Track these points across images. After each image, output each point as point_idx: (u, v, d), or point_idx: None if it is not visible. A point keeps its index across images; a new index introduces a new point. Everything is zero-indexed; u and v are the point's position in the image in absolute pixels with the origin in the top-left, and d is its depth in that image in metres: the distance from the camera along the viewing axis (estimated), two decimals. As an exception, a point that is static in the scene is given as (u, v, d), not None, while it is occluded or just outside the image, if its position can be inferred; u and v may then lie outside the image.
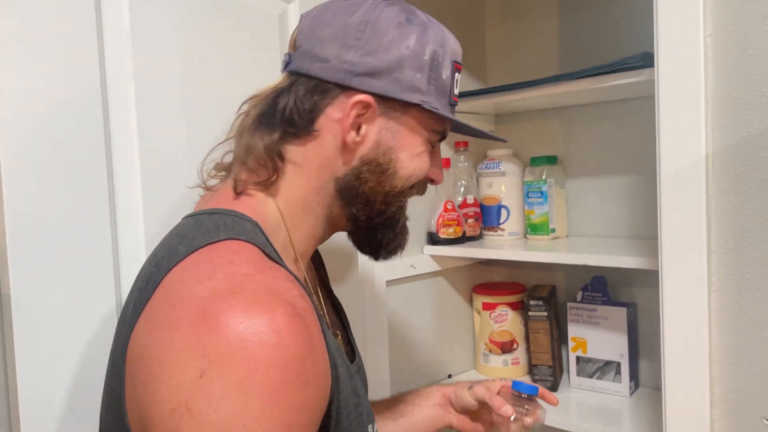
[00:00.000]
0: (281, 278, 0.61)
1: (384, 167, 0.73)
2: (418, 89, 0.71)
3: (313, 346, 0.57)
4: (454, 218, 1.49)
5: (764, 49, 0.77)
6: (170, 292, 0.60)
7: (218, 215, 0.67)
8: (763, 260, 0.79)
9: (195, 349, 0.53)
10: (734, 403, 0.82)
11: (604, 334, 1.40)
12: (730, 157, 0.80)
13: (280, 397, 0.53)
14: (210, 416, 0.52)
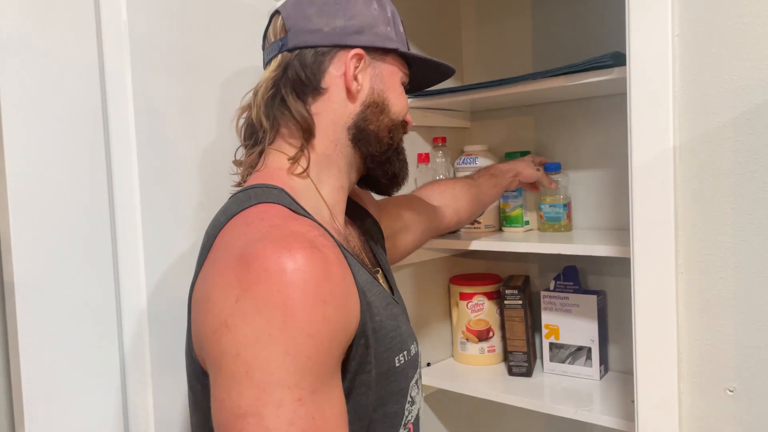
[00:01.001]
0: (303, 224, 0.73)
1: (382, 106, 0.88)
2: (391, 39, 0.89)
3: (329, 272, 0.68)
4: None
5: (725, 48, 0.84)
6: (217, 249, 0.73)
7: (250, 189, 0.80)
8: (725, 243, 0.85)
9: (232, 282, 0.66)
10: (700, 376, 0.88)
11: (575, 321, 1.46)
12: (695, 149, 0.87)
13: (300, 311, 0.64)
14: (244, 329, 0.63)
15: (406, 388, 0.83)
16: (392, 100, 0.89)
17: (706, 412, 0.88)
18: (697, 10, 0.85)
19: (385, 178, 0.92)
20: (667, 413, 0.89)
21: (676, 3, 0.86)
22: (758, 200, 0.82)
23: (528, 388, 1.43)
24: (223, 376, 0.65)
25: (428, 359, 1.63)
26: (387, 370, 0.78)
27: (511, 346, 1.52)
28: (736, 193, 0.84)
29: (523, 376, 1.50)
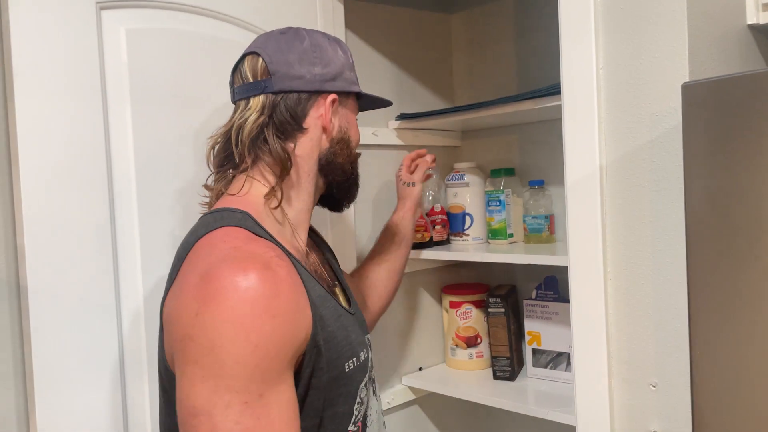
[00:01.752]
0: (261, 246, 0.83)
1: (347, 141, 1.02)
2: (355, 82, 1.03)
3: (280, 289, 0.77)
4: (422, 224, 1.64)
5: (641, 79, 0.94)
6: (186, 270, 0.83)
7: (217, 213, 0.91)
8: (646, 252, 0.95)
9: (194, 298, 0.76)
10: (627, 373, 0.97)
11: (555, 328, 1.55)
12: (618, 168, 0.96)
13: (249, 324, 0.74)
14: (202, 340, 0.74)
15: (356, 390, 0.91)
16: (353, 136, 1.03)
17: (633, 404, 0.97)
18: (618, 45, 0.95)
19: (344, 200, 1.07)
20: (600, 406, 0.98)
21: (600, 38, 0.96)
22: (670, 214, 0.91)
23: (510, 391, 1.52)
24: (183, 380, 0.75)
25: (420, 364, 1.74)
26: (338, 374, 0.87)
27: (495, 351, 1.61)
28: (653, 208, 0.93)
29: (506, 380, 1.59)
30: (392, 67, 1.69)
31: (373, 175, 1.62)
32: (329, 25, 1.46)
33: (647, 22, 0.92)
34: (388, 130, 1.65)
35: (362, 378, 0.93)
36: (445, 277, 1.81)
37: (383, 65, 1.67)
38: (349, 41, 1.55)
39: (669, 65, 0.90)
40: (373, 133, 1.60)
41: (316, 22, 1.43)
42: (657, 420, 0.94)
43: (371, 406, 0.99)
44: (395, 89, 1.69)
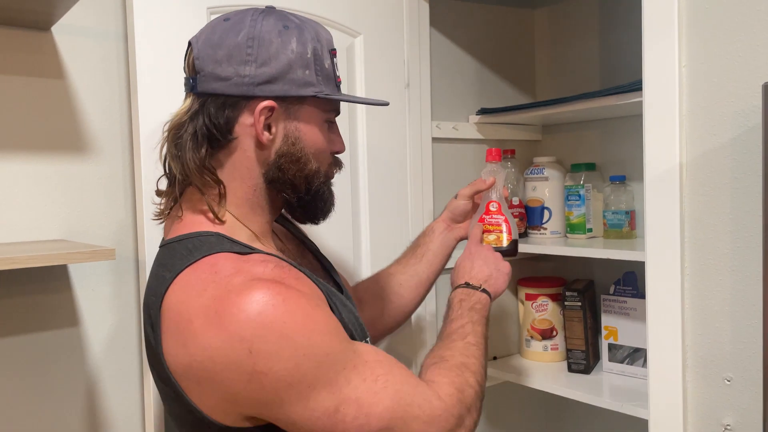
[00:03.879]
0: (257, 263, 0.78)
1: (297, 156, 0.86)
2: (310, 83, 0.84)
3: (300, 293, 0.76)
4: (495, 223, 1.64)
5: (723, 77, 0.94)
6: (179, 312, 0.75)
7: (186, 240, 0.82)
8: (723, 249, 0.95)
9: (231, 339, 0.71)
10: (702, 367, 0.98)
11: (633, 324, 1.54)
12: (699, 166, 0.97)
13: (310, 325, 0.74)
14: (279, 366, 0.71)
15: None
16: (309, 149, 0.87)
17: (707, 398, 0.98)
18: (701, 44, 0.96)
19: (304, 217, 0.94)
20: (673, 400, 1.00)
21: (683, 36, 0.97)
22: (750, 212, 0.92)
23: (585, 383, 1.53)
24: (291, 404, 0.72)
25: (495, 353, 1.78)
26: None
27: (570, 344, 1.63)
28: (733, 206, 0.94)
29: (581, 372, 1.61)
30: (474, 62, 1.73)
31: (453, 169, 1.67)
32: (414, 23, 1.52)
33: (731, 20, 0.93)
34: (469, 125, 1.70)
35: None
36: (522, 269, 1.84)
37: (465, 61, 1.71)
38: (433, 38, 1.61)
39: (752, 64, 0.90)
40: (453, 127, 1.65)
41: (402, 21, 1.49)
42: (731, 414, 0.95)
43: None
44: (477, 84, 1.74)
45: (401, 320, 1.23)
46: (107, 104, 1.15)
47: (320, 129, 0.88)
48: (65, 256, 0.90)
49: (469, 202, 1.20)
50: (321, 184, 0.90)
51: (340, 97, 0.89)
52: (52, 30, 1.10)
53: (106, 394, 1.15)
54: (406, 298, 1.20)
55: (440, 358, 0.91)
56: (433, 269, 1.20)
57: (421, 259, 1.20)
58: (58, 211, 1.10)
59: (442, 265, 1.22)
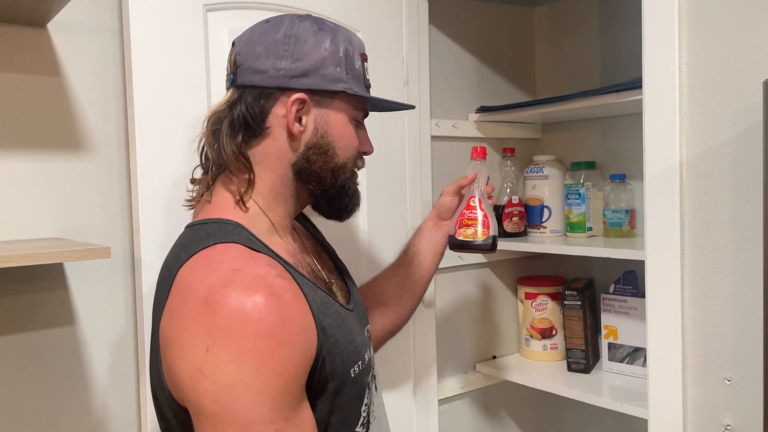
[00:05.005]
0: (262, 265, 0.79)
1: (325, 148, 0.90)
2: (341, 80, 0.89)
3: (290, 315, 0.76)
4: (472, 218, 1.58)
5: (724, 75, 0.93)
6: (180, 290, 0.79)
7: (207, 224, 0.86)
8: (724, 248, 0.95)
9: (201, 330, 0.73)
10: (702, 367, 0.98)
11: (633, 323, 1.54)
12: (699, 164, 0.96)
13: (268, 356, 0.73)
14: (219, 377, 0.72)
15: (362, 392, 0.90)
16: (337, 142, 0.91)
17: (707, 398, 0.97)
18: (702, 41, 0.95)
19: (329, 212, 0.96)
20: (673, 399, 0.99)
21: (684, 34, 0.97)
22: (750, 210, 0.91)
23: (584, 383, 1.53)
24: (205, 418, 0.73)
25: (494, 352, 1.77)
26: (343, 381, 0.85)
27: (570, 343, 1.63)
28: (733, 204, 0.93)
29: (580, 372, 1.60)
30: (474, 60, 1.72)
31: (452, 167, 1.66)
32: (414, 21, 1.51)
33: (732, 18, 0.92)
34: (468, 123, 1.69)
35: (367, 379, 0.92)
36: (522, 268, 1.84)
37: (465, 58, 1.70)
38: (432, 36, 1.60)
39: (753, 61, 0.89)
40: (453, 125, 1.65)
41: (401, 18, 1.48)
42: (731, 414, 0.95)
43: (374, 402, 0.97)
44: (476, 82, 1.73)
45: (401, 322, 1.24)
46: (103, 101, 1.14)
47: (348, 126, 0.92)
48: (60, 254, 0.89)
49: (454, 199, 1.20)
50: (347, 179, 0.93)
51: (368, 95, 0.93)
52: (48, 27, 1.09)
53: (103, 393, 1.14)
54: (403, 300, 1.21)
55: None
56: (425, 269, 1.21)
57: (413, 260, 1.21)
58: (53, 209, 1.10)
59: (434, 263, 1.22)
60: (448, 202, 1.20)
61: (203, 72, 1.15)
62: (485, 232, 1.14)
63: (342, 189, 0.93)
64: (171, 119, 1.11)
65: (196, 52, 1.14)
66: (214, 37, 1.16)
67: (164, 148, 1.11)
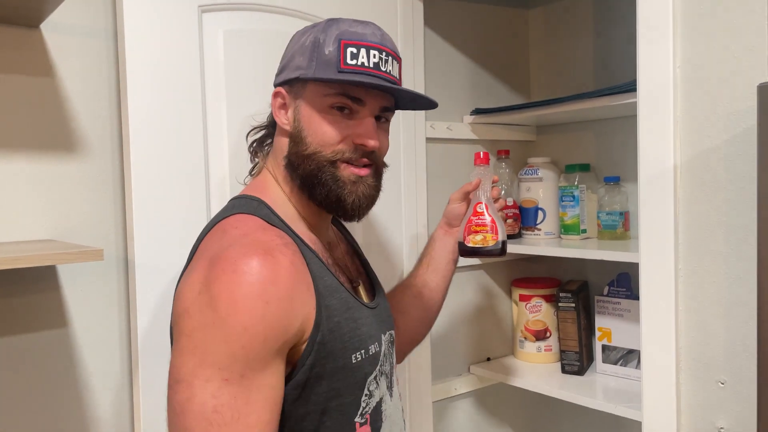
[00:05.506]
0: (270, 234, 0.85)
1: (299, 137, 0.92)
2: (300, 67, 0.91)
3: (277, 277, 0.79)
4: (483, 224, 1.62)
5: (719, 79, 0.94)
6: (198, 253, 0.87)
7: (237, 199, 0.94)
8: (717, 251, 0.95)
9: (198, 278, 0.80)
10: (696, 370, 0.98)
11: (627, 325, 1.54)
12: (693, 166, 0.97)
13: (241, 307, 0.76)
14: (197, 316, 0.77)
15: (363, 381, 0.91)
16: (306, 129, 0.91)
17: (700, 401, 0.97)
18: (696, 44, 0.96)
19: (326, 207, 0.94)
20: (667, 402, 0.99)
21: (678, 37, 0.97)
22: (744, 213, 0.91)
23: (578, 385, 1.53)
24: (176, 350, 0.79)
25: (488, 354, 1.77)
26: (343, 365, 0.86)
27: (564, 345, 1.63)
28: (728, 207, 0.93)
29: (574, 374, 1.60)
30: (469, 62, 1.72)
31: (447, 169, 1.66)
32: (408, 22, 1.51)
33: (726, 21, 0.92)
34: (463, 125, 1.69)
35: (371, 370, 0.92)
36: (516, 270, 1.84)
37: (460, 60, 1.70)
38: (427, 38, 1.60)
39: (747, 65, 0.90)
40: (447, 127, 1.65)
41: (396, 20, 1.48)
42: (724, 417, 0.95)
43: (385, 401, 0.97)
44: (471, 84, 1.73)
45: (425, 330, 1.27)
46: (97, 103, 1.13)
47: (321, 113, 0.91)
48: (52, 256, 0.88)
49: (462, 205, 1.21)
50: (321, 168, 0.91)
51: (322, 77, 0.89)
52: (41, 27, 1.09)
53: (96, 395, 1.14)
54: (424, 309, 1.23)
55: None
56: (441, 275, 1.23)
57: (428, 268, 1.23)
58: (46, 211, 1.09)
59: (449, 270, 1.24)
60: (456, 208, 1.21)
61: (198, 73, 1.14)
62: (494, 237, 1.15)
63: (315, 178, 0.91)
64: (165, 120, 1.11)
65: (191, 53, 1.13)
66: (209, 38, 1.16)
67: (158, 149, 1.11)
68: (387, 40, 0.93)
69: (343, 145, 0.91)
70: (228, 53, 1.18)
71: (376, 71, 0.89)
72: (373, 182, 0.95)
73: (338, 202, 0.92)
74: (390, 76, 0.91)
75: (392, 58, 0.92)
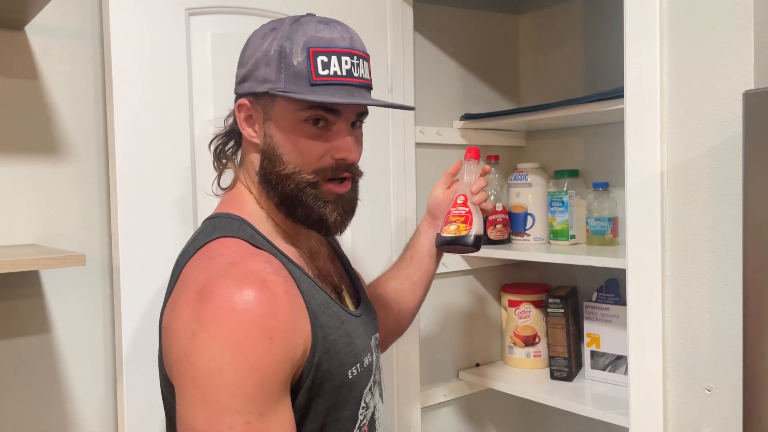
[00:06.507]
0: (259, 261, 0.80)
1: (274, 154, 0.86)
2: (268, 80, 0.84)
3: (276, 309, 0.76)
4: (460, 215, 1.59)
5: (705, 85, 0.94)
6: (183, 280, 0.82)
7: (216, 219, 0.88)
8: (704, 257, 0.95)
9: (190, 316, 0.76)
10: (682, 376, 0.98)
11: (615, 331, 1.54)
12: (680, 172, 0.97)
13: (247, 346, 0.73)
14: (199, 361, 0.73)
15: (359, 395, 0.90)
16: (283, 147, 0.86)
17: (687, 408, 0.97)
18: (683, 52, 0.96)
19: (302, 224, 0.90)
20: (654, 408, 0.99)
21: (665, 44, 0.97)
22: (730, 220, 0.91)
23: (567, 391, 1.53)
24: (183, 399, 0.75)
25: (478, 360, 1.77)
26: (340, 382, 0.85)
27: (553, 351, 1.63)
28: (714, 214, 0.93)
29: (563, 380, 1.60)
30: (458, 67, 1.72)
31: (436, 174, 1.65)
32: (398, 27, 1.51)
33: (713, 29, 0.93)
34: (452, 130, 1.69)
35: (366, 383, 0.92)
36: (505, 275, 1.84)
37: (450, 66, 1.70)
38: (417, 43, 1.60)
39: (734, 72, 0.90)
40: (437, 132, 1.65)
41: (386, 25, 1.48)
42: (711, 424, 0.95)
43: (378, 409, 0.96)
44: (461, 89, 1.73)
45: (405, 324, 1.24)
46: (82, 106, 1.12)
47: (295, 129, 0.85)
48: (34, 261, 0.87)
49: (445, 193, 1.20)
50: (301, 189, 0.86)
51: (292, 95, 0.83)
52: (26, 29, 1.08)
53: (79, 402, 1.12)
54: (405, 303, 1.20)
55: None
56: (424, 269, 1.20)
57: (411, 262, 1.20)
58: (30, 215, 1.08)
59: (432, 263, 1.21)
60: (439, 196, 1.20)
61: (185, 76, 1.14)
62: (467, 228, 1.11)
63: (296, 199, 0.87)
64: (152, 124, 1.10)
65: (178, 56, 1.13)
66: (197, 41, 1.15)
67: (144, 153, 1.10)
68: (356, 42, 0.88)
69: (323, 162, 0.87)
70: (216, 57, 1.17)
71: (349, 79, 0.85)
72: (353, 195, 0.92)
73: (320, 222, 0.89)
74: (363, 80, 0.87)
75: (363, 60, 0.87)
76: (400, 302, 1.20)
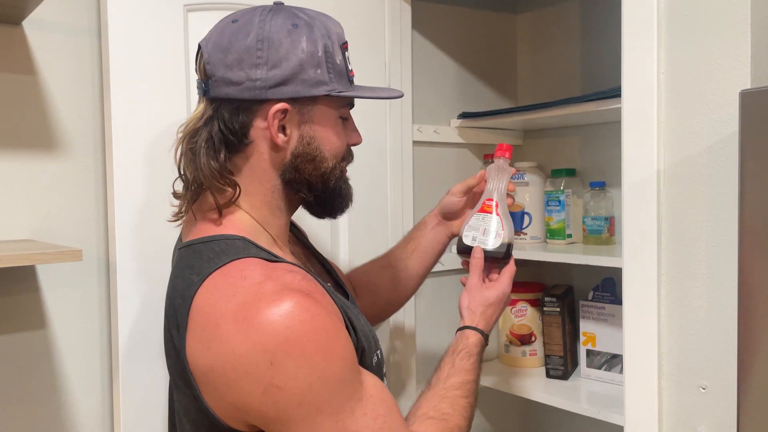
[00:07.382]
0: (285, 272, 0.79)
1: (312, 155, 0.86)
2: (323, 82, 0.83)
3: (326, 310, 0.78)
4: None
5: (701, 84, 0.94)
6: (207, 314, 0.76)
7: (211, 242, 0.82)
8: (701, 256, 0.95)
9: (255, 348, 0.72)
10: (678, 375, 0.98)
11: (611, 330, 1.55)
12: (676, 173, 0.97)
13: (330, 348, 0.75)
14: (294, 383, 0.72)
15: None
16: (324, 146, 0.87)
17: (682, 406, 0.98)
18: (680, 51, 0.96)
19: (323, 213, 0.94)
20: (648, 407, 1.00)
21: (662, 43, 0.97)
22: (726, 219, 0.92)
23: (562, 390, 1.53)
24: (296, 424, 0.74)
25: (474, 358, 1.77)
26: (367, 369, 0.85)
27: (548, 350, 1.63)
28: (710, 213, 0.94)
29: (559, 378, 1.61)
30: (456, 66, 1.72)
31: (433, 172, 1.66)
32: (396, 25, 1.51)
33: (710, 28, 0.93)
34: (450, 128, 1.69)
35: (382, 371, 0.93)
36: (502, 274, 1.83)
37: (447, 64, 1.70)
38: (415, 41, 1.60)
39: (731, 72, 0.90)
40: (434, 131, 1.65)
41: (384, 23, 1.48)
42: (706, 422, 0.95)
43: None
44: (458, 88, 1.73)
45: (391, 311, 1.25)
46: (79, 101, 1.12)
47: (335, 126, 0.88)
48: (30, 256, 0.87)
49: (460, 200, 1.15)
50: (337, 180, 0.90)
51: (353, 94, 0.87)
52: (23, 24, 1.07)
53: (75, 398, 1.12)
54: (397, 292, 1.20)
55: (434, 410, 0.90)
56: (423, 265, 1.19)
57: (412, 255, 1.18)
58: (27, 210, 1.08)
59: (433, 261, 1.20)
60: (455, 202, 1.15)
61: (183, 73, 1.13)
62: (497, 238, 1.05)
63: (334, 191, 0.90)
64: (149, 121, 1.10)
65: (176, 52, 1.12)
66: (195, 37, 1.15)
67: (141, 149, 1.10)
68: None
69: (344, 150, 0.91)
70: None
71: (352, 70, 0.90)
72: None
73: (345, 207, 0.94)
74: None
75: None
76: (391, 291, 1.19)
